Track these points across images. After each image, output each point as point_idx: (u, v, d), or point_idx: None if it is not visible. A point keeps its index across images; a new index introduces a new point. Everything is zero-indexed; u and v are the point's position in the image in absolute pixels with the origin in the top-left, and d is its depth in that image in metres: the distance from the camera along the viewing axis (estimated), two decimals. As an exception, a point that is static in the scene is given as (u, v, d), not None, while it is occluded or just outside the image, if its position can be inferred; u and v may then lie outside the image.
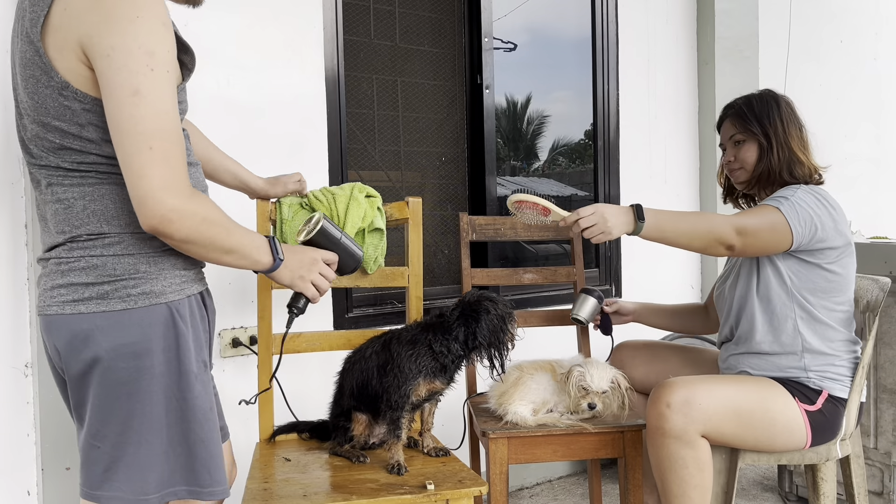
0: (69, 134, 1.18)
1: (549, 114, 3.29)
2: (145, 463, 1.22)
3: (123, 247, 1.22)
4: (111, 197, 1.21)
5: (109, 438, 1.21)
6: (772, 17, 3.79)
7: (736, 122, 2.04)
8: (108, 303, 1.19)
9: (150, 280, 1.22)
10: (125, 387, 1.20)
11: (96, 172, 1.21)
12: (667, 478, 1.81)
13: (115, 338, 1.19)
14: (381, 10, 2.71)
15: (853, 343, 1.93)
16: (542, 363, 2.02)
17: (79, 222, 1.21)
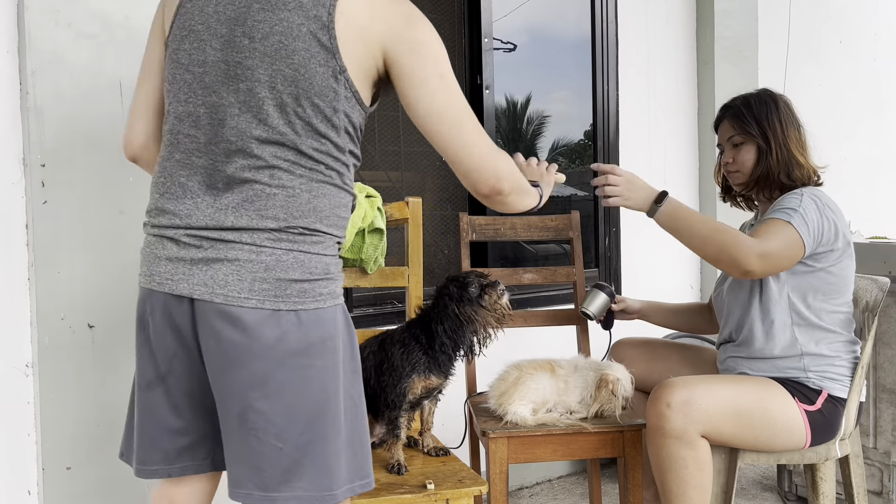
0: (322, 113, 1.21)
1: (548, 114, 3.29)
2: (332, 459, 1.22)
3: (324, 247, 1.25)
4: (328, 197, 1.25)
5: (292, 438, 1.20)
6: (771, 17, 3.79)
7: (734, 124, 2.02)
8: (304, 301, 1.20)
9: (335, 281, 1.26)
10: (317, 383, 1.21)
11: (325, 167, 1.24)
12: (666, 478, 1.81)
13: (309, 336, 1.20)
14: (381, 10, 2.71)
15: (853, 343, 1.93)
16: (542, 362, 2.02)
17: (299, 213, 1.21)
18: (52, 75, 1.84)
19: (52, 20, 1.83)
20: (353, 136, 1.29)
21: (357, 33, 1.21)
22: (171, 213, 1.24)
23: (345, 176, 1.29)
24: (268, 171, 1.21)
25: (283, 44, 1.20)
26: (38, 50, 1.82)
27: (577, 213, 2.47)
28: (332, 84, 1.21)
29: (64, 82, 1.86)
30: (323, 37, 1.19)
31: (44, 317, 1.87)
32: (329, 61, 1.20)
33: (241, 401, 1.19)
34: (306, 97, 1.20)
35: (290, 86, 1.20)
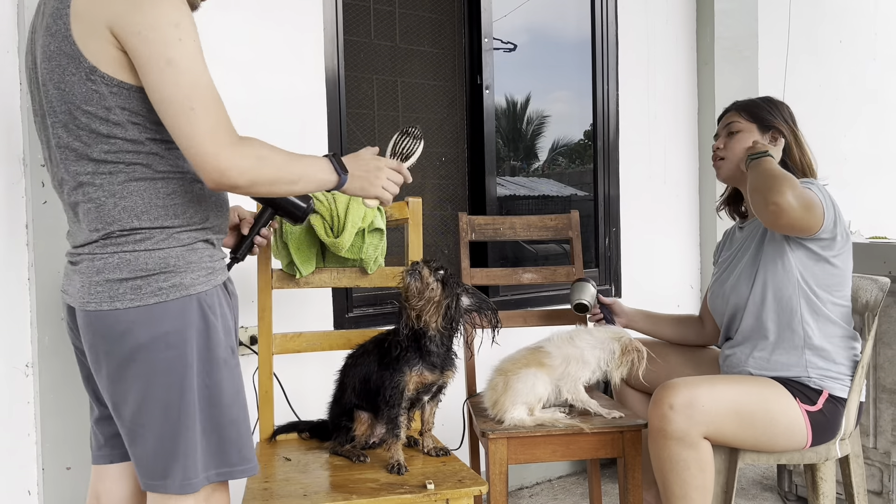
0: (97, 117, 1.23)
1: (548, 114, 3.29)
2: (189, 449, 1.27)
3: (153, 242, 1.27)
4: (139, 193, 1.26)
5: (153, 429, 1.26)
6: (771, 17, 3.79)
7: (742, 113, 2.05)
8: (141, 297, 1.24)
9: (180, 273, 1.27)
10: (164, 377, 1.25)
11: (123, 164, 1.25)
12: (668, 479, 1.81)
13: (151, 331, 1.24)
14: (381, 10, 2.71)
15: (852, 339, 1.93)
16: (524, 357, 2.01)
17: (111, 219, 1.26)
18: (52, 75, 1.83)
19: (51, 20, 1.83)
20: (144, 124, 1.25)
21: (88, 27, 1.20)
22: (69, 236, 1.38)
23: (155, 164, 1.27)
24: (80, 189, 1.28)
25: (47, 69, 1.25)
26: (38, 50, 1.82)
27: (577, 213, 2.47)
28: (91, 86, 1.22)
29: (64, 82, 1.85)
30: (66, 47, 1.21)
31: (44, 317, 1.87)
32: (78, 67, 1.21)
33: (109, 397, 1.29)
34: (76, 108, 1.23)
35: (62, 104, 1.25)
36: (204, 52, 1.26)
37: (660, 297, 3.37)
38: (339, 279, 1.99)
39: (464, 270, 2.35)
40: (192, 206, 1.31)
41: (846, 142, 4.28)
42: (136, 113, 1.24)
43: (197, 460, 1.28)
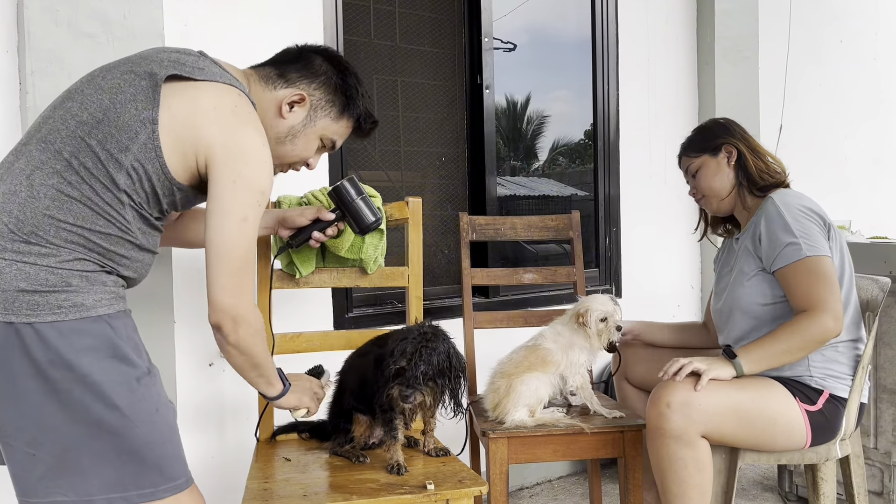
0: (120, 162, 1.26)
1: (549, 114, 3.29)
2: (85, 467, 1.22)
3: (57, 260, 1.23)
4: (75, 214, 1.25)
5: (46, 446, 1.22)
6: (772, 17, 3.79)
7: (688, 152, 2.10)
8: (38, 314, 1.20)
9: (81, 293, 1.24)
10: (58, 395, 1.20)
11: (88, 187, 1.26)
12: (666, 478, 1.81)
13: (48, 349, 1.20)
14: (381, 10, 2.71)
15: (856, 341, 1.92)
16: (525, 358, 2.01)
17: (31, 219, 1.23)
18: (51, 75, 1.83)
19: (51, 20, 1.83)
20: (146, 198, 1.33)
21: (177, 141, 1.33)
22: None
23: (112, 211, 1.29)
24: (36, 172, 1.27)
25: (111, 84, 1.34)
26: (38, 49, 1.82)
27: (577, 213, 2.47)
28: (147, 150, 1.29)
29: (64, 82, 1.85)
30: (149, 90, 1.32)
31: (43, 317, 1.86)
32: (149, 136, 1.31)
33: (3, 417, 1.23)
34: (113, 135, 1.29)
35: (102, 116, 1.30)
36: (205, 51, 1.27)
37: (660, 298, 3.37)
38: (339, 279, 1.98)
39: (464, 271, 2.35)
40: (114, 258, 1.30)
41: (847, 142, 4.28)
42: (151, 191, 1.31)
43: (103, 479, 1.23)
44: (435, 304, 2.72)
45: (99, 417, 1.22)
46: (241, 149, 1.31)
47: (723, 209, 2.08)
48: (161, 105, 1.28)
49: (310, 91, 1.51)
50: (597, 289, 3.24)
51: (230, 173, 1.30)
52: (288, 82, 1.50)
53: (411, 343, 1.60)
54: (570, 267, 2.45)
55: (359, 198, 1.71)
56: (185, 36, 2.12)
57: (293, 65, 1.52)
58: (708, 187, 2.05)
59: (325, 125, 1.54)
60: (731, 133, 2.05)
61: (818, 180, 3.96)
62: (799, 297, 1.82)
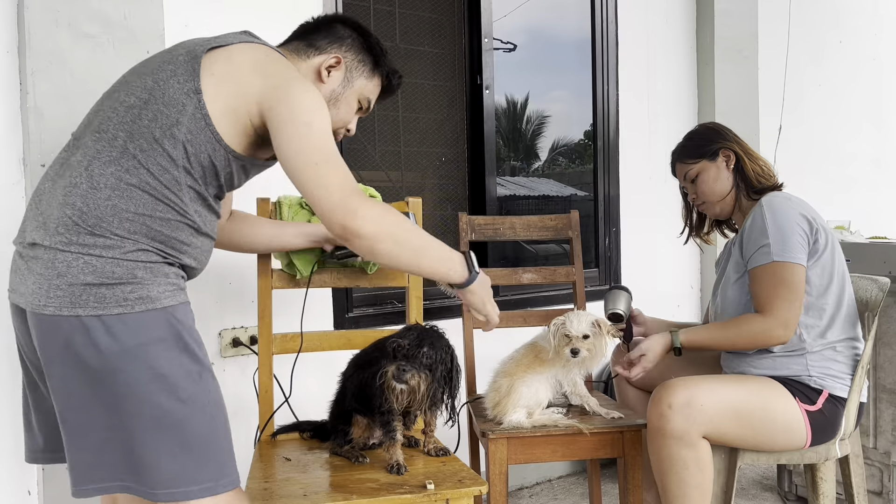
0: (174, 142, 1.27)
1: (548, 114, 3.29)
2: (149, 461, 1.23)
3: (121, 252, 1.23)
4: (136, 202, 1.25)
5: (112, 440, 1.23)
6: (772, 17, 3.79)
7: (684, 159, 2.11)
8: (105, 307, 1.20)
9: (147, 285, 1.24)
10: (126, 388, 1.21)
11: (146, 171, 1.25)
12: (667, 478, 1.81)
13: (116, 341, 1.20)
14: (381, 10, 2.71)
15: (854, 339, 1.93)
16: (524, 357, 2.01)
17: (94, 211, 1.23)
18: (52, 75, 1.84)
19: (52, 20, 1.83)
20: (199, 172, 1.33)
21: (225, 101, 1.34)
22: None
23: (172, 196, 1.30)
24: (93, 163, 1.27)
25: (158, 69, 1.35)
26: (38, 50, 1.82)
27: (577, 213, 2.47)
28: (201, 130, 1.30)
29: (64, 82, 1.85)
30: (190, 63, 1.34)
31: (44, 317, 1.86)
32: (197, 112, 1.31)
33: (59, 403, 1.24)
34: (169, 116, 1.30)
35: (156, 103, 1.30)
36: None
37: (660, 298, 3.37)
38: (338, 279, 1.99)
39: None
40: (175, 244, 1.30)
41: (846, 142, 4.28)
42: (209, 164, 1.31)
43: (155, 479, 1.23)
44: (435, 304, 2.73)
45: (164, 410, 1.22)
46: (291, 83, 1.32)
47: (724, 212, 2.09)
48: (203, 75, 1.29)
49: (342, 53, 1.54)
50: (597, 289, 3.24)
51: (287, 97, 1.30)
52: (319, 49, 1.52)
53: (416, 330, 1.61)
54: (569, 267, 2.45)
55: None
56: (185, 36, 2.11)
57: (317, 34, 1.54)
58: (710, 192, 2.06)
59: (362, 84, 1.57)
60: (726, 137, 2.07)
61: (818, 180, 3.97)
62: (758, 298, 1.87)
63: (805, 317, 1.89)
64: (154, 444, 1.23)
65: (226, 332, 2.24)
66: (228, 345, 2.24)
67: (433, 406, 1.66)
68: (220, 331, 2.23)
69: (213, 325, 2.21)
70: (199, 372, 1.28)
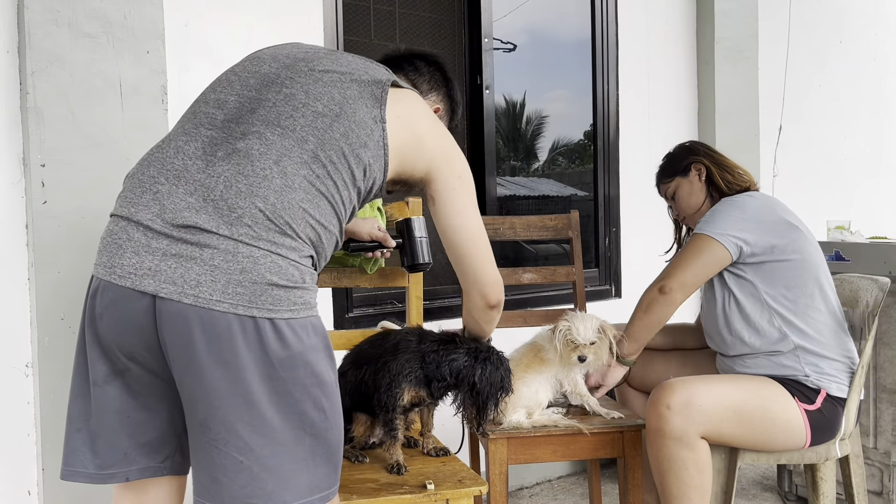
0: (355, 159, 1.26)
1: (548, 114, 3.29)
2: (287, 473, 1.17)
3: (299, 255, 1.20)
4: (320, 209, 1.22)
5: (255, 451, 1.15)
6: (772, 18, 3.79)
7: (663, 178, 2.22)
8: (277, 310, 1.15)
9: (310, 291, 1.23)
10: (283, 397, 1.16)
11: (332, 181, 1.23)
12: (666, 479, 1.81)
13: (285, 346, 1.16)
14: (381, 10, 2.71)
15: (841, 339, 1.93)
16: (524, 356, 2.01)
17: (285, 210, 1.17)
18: (52, 75, 1.84)
19: (51, 20, 1.83)
20: (359, 191, 1.34)
21: (403, 153, 1.40)
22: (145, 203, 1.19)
23: (338, 205, 1.30)
24: (286, 157, 1.23)
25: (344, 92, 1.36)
26: (38, 49, 1.82)
27: (577, 213, 2.47)
28: (371, 127, 1.30)
29: (64, 82, 1.85)
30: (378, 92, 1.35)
31: (44, 317, 1.86)
32: (372, 111, 1.34)
33: (205, 409, 1.14)
34: (347, 136, 1.28)
35: (329, 104, 1.29)
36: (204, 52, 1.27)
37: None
38: (339, 279, 1.98)
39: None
40: (321, 259, 1.29)
41: (846, 142, 4.28)
42: (367, 191, 1.32)
43: (301, 485, 1.18)
44: (435, 304, 2.73)
45: (313, 418, 1.18)
46: (455, 150, 1.42)
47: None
48: (387, 108, 1.31)
49: (440, 102, 1.62)
50: (597, 289, 3.24)
51: (454, 171, 1.40)
52: (422, 94, 1.57)
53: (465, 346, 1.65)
54: (569, 267, 2.45)
55: (421, 238, 1.77)
56: (186, 36, 2.12)
57: (420, 76, 1.61)
58: (687, 205, 2.15)
59: None
60: (696, 153, 2.16)
61: (818, 180, 3.97)
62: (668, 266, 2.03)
63: (779, 306, 1.90)
64: (293, 456, 1.17)
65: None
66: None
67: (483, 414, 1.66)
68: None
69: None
70: (336, 379, 1.27)
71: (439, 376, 1.61)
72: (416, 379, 1.63)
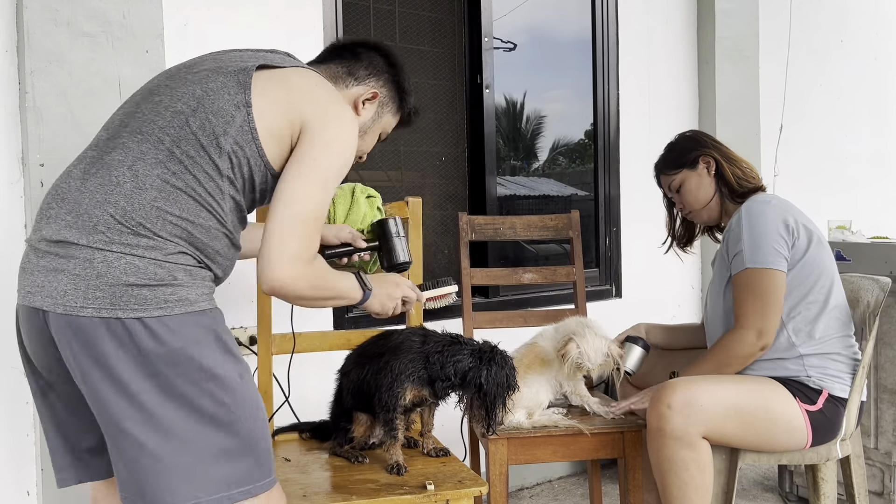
0: (219, 149, 1.26)
1: (549, 114, 3.29)
2: (192, 467, 1.19)
3: (163, 253, 1.21)
4: (180, 205, 1.23)
5: (153, 447, 1.18)
6: (772, 17, 3.79)
7: (667, 169, 2.13)
8: (146, 308, 1.18)
9: (186, 287, 1.23)
10: (172, 391, 1.18)
11: (192, 176, 1.24)
12: (667, 479, 1.81)
13: (161, 344, 1.18)
14: (381, 10, 2.70)
15: (847, 338, 1.92)
16: (524, 356, 2.01)
17: (138, 210, 1.21)
18: (51, 74, 1.83)
19: (50, 19, 1.83)
20: (243, 184, 1.33)
21: (274, 123, 1.34)
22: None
23: (213, 203, 1.29)
24: (138, 162, 1.26)
25: (208, 86, 1.34)
26: (37, 49, 1.82)
27: (577, 213, 2.47)
28: (247, 143, 1.30)
29: (63, 81, 1.85)
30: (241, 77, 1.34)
31: (43, 317, 1.86)
32: (236, 96, 1.32)
33: (98, 411, 1.20)
34: (213, 123, 1.29)
35: (201, 108, 1.30)
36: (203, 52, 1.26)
37: (660, 298, 3.37)
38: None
39: (464, 270, 2.35)
40: (210, 254, 1.29)
41: (846, 142, 4.27)
42: (249, 177, 1.31)
43: (212, 478, 1.20)
44: (435, 304, 2.72)
45: (213, 412, 1.20)
46: (338, 116, 1.35)
47: (712, 219, 2.11)
48: (254, 91, 1.30)
49: (379, 87, 1.57)
50: (597, 289, 3.24)
51: (325, 136, 1.32)
52: (358, 80, 1.54)
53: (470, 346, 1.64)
54: (569, 267, 2.45)
55: (397, 238, 1.75)
56: (185, 36, 2.12)
57: (357, 63, 1.56)
58: (694, 200, 2.08)
59: (388, 120, 1.62)
60: (703, 144, 2.09)
61: (819, 180, 3.96)
62: (735, 309, 1.89)
63: (792, 320, 1.89)
64: (197, 449, 1.19)
65: (225, 332, 2.23)
66: (228, 345, 2.23)
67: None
68: (220, 331, 2.22)
69: (212, 325, 2.20)
70: (240, 373, 1.26)
71: (444, 376, 1.61)
72: (419, 379, 1.63)
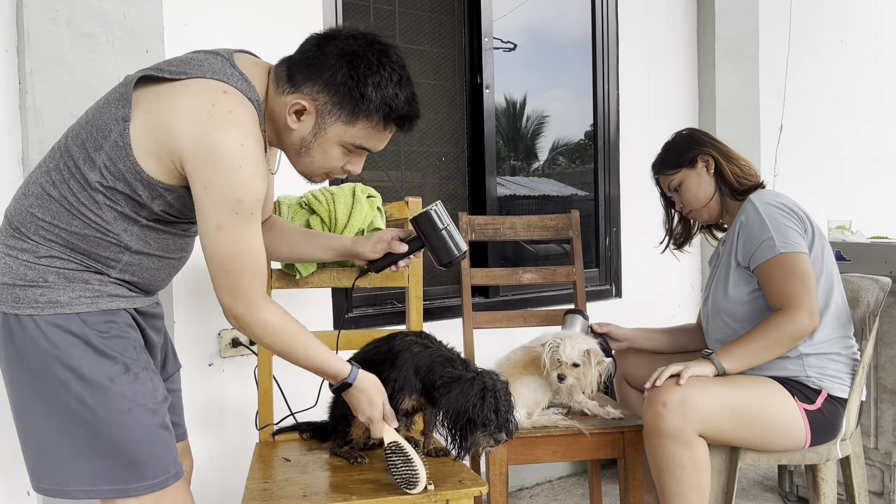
0: (97, 162, 1.27)
1: (549, 114, 3.29)
2: (63, 458, 1.26)
3: (34, 256, 1.28)
4: (54, 214, 1.28)
5: (31, 436, 1.29)
6: (772, 17, 3.79)
7: (666, 169, 2.12)
8: (19, 307, 1.26)
9: (58, 290, 1.27)
10: (39, 386, 1.26)
11: (67, 187, 1.28)
12: (664, 478, 1.81)
13: (30, 341, 1.26)
14: (381, 10, 2.70)
15: (846, 338, 1.92)
16: (522, 359, 2.01)
17: (17, 215, 1.31)
18: (51, 75, 1.83)
19: (50, 19, 1.83)
20: (123, 196, 1.30)
21: (151, 149, 1.29)
22: None
23: (87, 211, 1.29)
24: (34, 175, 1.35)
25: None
26: (37, 49, 1.82)
27: (577, 213, 2.47)
28: (123, 159, 1.28)
29: (63, 82, 1.85)
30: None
31: (43, 317, 1.86)
32: (125, 151, 1.30)
33: None
34: (95, 137, 1.30)
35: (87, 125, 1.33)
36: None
37: (660, 297, 3.37)
38: (338, 279, 1.98)
39: (464, 270, 2.35)
40: (100, 259, 1.31)
41: (846, 141, 4.27)
42: (130, 191, 1.27)
43: (75, 473, 1.26)
44: (435, 304, 2.72)
45: (75, 411, 1.26)
46: (212, 153, 1.20)
47: (712, 217, 2.10)
48: (138, 106, 1.25)
49: (313, 96, 1.30)
50: (597, 289, 3.24)
51: (201, 179, 1.22)
52: (294, 85, 1.31)
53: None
54: (569, 267, 2.45)
55: (443, 230, 1.56)
56: (185, 36, 2.12)
57: (305, 62, 1.31)
58: (695, 199, 2.07)
59: (339, 131, 1.33)
60: (701, 143, 2.08)
61: (819, 180, 3.96)
62: (774, 294, 1.85)
63: None
64: (65, 443, 1.26)
65: (225, 333, 2.23)
66: (228, 345, 2.23)
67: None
68: (220, 331, 2.22)
69: (212, 325, 2.20)
70: (111, 377, 1.27)
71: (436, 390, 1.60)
72: (417, 390, 1.64)
